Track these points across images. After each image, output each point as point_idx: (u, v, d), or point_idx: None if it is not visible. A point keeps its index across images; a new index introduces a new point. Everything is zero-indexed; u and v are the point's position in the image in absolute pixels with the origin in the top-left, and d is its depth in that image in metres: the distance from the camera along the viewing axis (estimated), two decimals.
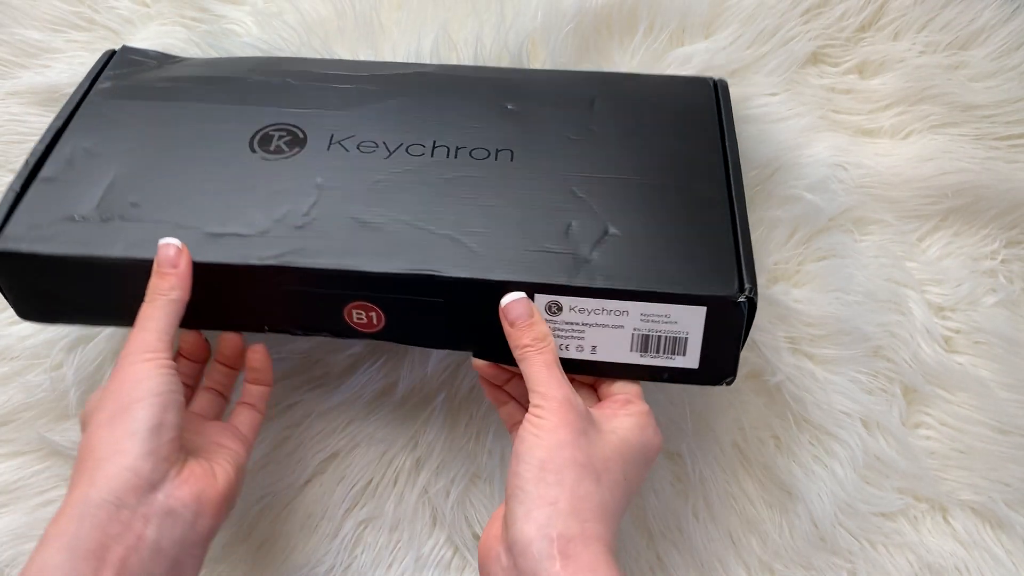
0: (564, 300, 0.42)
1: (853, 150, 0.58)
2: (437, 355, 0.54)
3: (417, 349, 0.54)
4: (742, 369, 0.54)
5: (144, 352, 0.39)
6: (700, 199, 0.45)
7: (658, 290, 0.41)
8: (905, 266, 0.56)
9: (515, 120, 0.49)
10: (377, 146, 0.47)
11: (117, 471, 0.36)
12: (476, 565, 0.51)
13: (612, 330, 0.42)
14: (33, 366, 0.54)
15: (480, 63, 0.59)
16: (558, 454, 0.37)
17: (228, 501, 0.40)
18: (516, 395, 0.46)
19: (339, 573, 0.51)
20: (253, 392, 0.47)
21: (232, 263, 0.42)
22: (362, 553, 0.52)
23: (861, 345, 0.54)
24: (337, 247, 0.42)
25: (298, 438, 0.53)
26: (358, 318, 0.43)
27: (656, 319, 0.41)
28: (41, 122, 0.58)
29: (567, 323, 0.42)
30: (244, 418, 0.46)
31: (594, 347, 0.42)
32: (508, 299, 0.41)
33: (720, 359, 0.42)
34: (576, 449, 0.38)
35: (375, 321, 0.43)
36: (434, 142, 0.47)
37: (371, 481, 0.53)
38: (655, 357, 0.42)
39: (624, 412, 0.42)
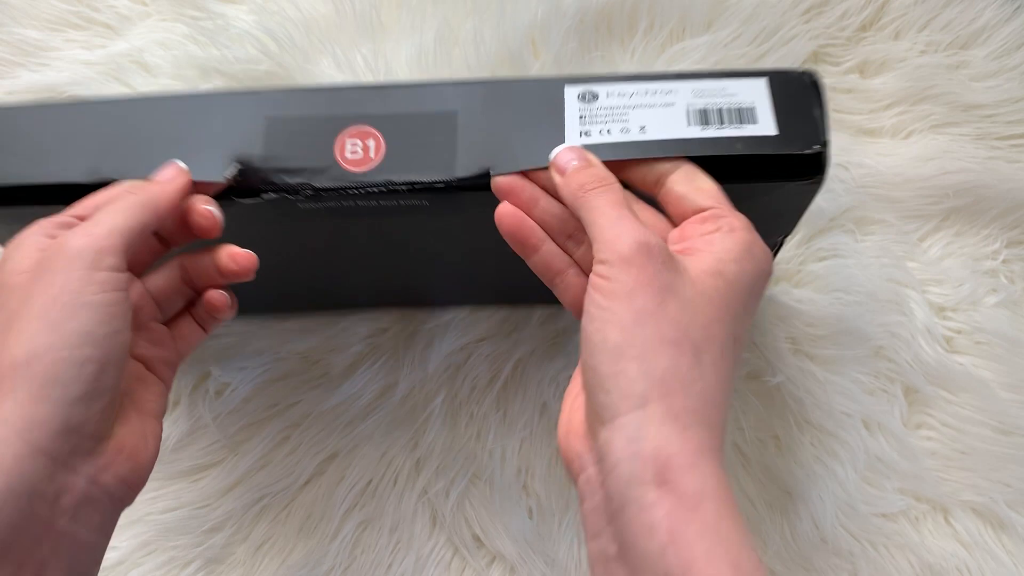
0: (599, 87, 0.36)
1: (854, 150, 0.58)
2: (437, 355, 0.54)
3: (417, 348, 0.54)
4: (742, 369, 0.54)
5: (93, 252, 0.30)
6: None
7: (708, 71, 0.36)
8: (906, 266, 0.56)
9: None
10: None
11: (28, 453, 0.27)
12: (476, 566, 0.51)
13: (662, 108, 0.35)
14: None
15: (481, 61, 0.59)
16: (639, 332, 0.28)
17: (152, 466, 0.32)
18: (563, 241, 0.35)
19: (338, 574, 0.51)
20: (213, 306, 0.37)
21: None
22: (361, 554, 0.51)
23: (862, 345, 0.54)
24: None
25: (297, 438, 0.53)
26: (352, 152, 0.36)
27: (712, 92, 0.36)
28: None
29: (606, 109, 0.36)
30: (190, 335, 0.37)
31: (642, 127, 0.35)
32: (556, 150, 0.34)
33: (801, 126, 0.35)
34: (662, 319, 0.28)
35: (371, 153, 0.36)
36: None
37: (371, 482, 0.53)
38: (721, 128, 0.35)
39: (717, 235, 0.31)
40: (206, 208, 0.35)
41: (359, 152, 0.36)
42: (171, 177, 0.35)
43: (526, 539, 0.51)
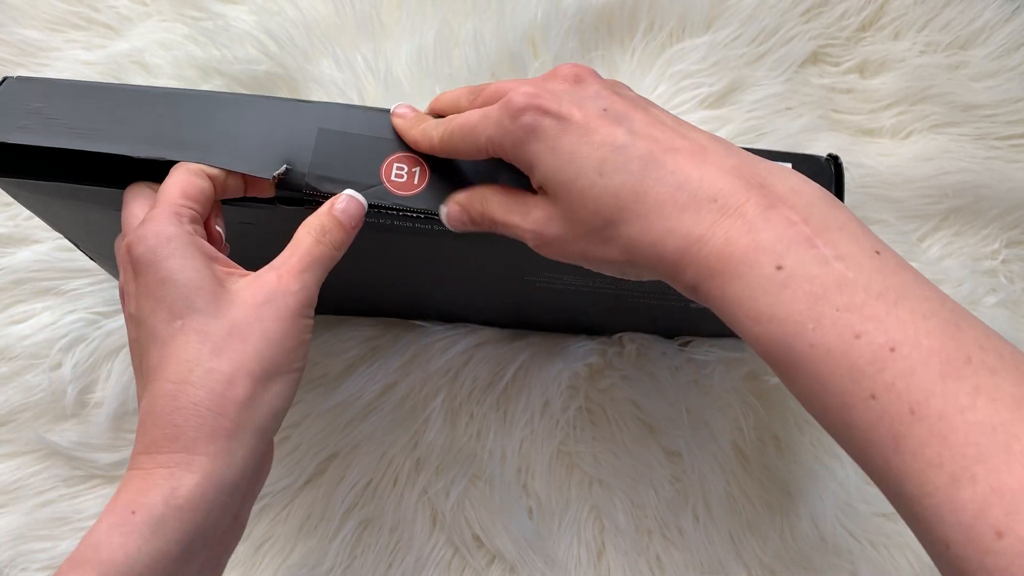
0: None
1: (854, 150, 0.58)
2: (437, 355, 0.54)
3: (417, 350, 0.54)
4: (742, 369, 0.54)
5: (303, 306, 0.33)
6: None
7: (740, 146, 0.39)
8: None
9: None
10: None
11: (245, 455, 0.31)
12: (476, 566, 0.51)
13: None
14: (32, 366, 0.54)
15: (480, 62, 0.59)
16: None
17: None
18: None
19: (338, 573, 0.51)
20: None
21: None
22: (361, 554, 0.51)
23: None
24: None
25: (298, 438, 0.53)
26: (397, 175, 0.38)
27: None
28: None
29: None
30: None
31: None
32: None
33: None
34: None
35: (416, 180, 0.38)
36: None
37: (371, 481, 0.53)
38: None
39: None
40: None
41: (404, 176, 0.38)
42: (358, 222, 0.36)
43: (526, 539, 0.51)
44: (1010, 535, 0.21)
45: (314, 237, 0.34)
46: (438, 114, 0.38)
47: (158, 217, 0.33)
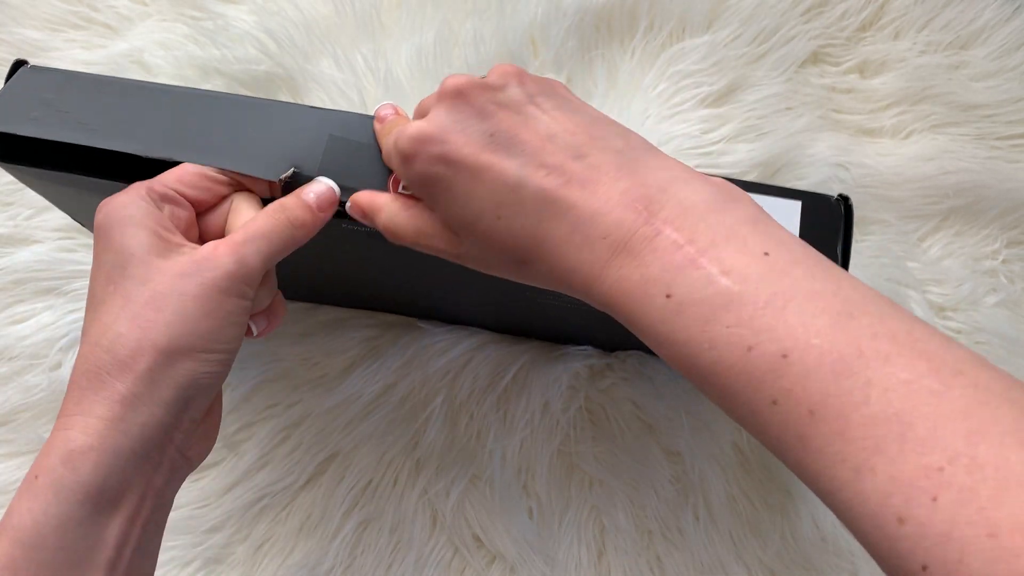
0: None
1: (854, 150, 0.58)
2: (438, 355, 0.54)
3: (418, 351, 0.54)
4: None
5: (238, 281, 0.32)
6: None
7: (747, 180, 0.38)
8: (906, 266, 0.56)
9: None
10: None
11: (149, 419, 0.30)
12: (476, 566, 0.51)
13: None
14: (32, 366, 0.54)
15: (481, 61, 0.59)
16: None
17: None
18: None
19: (338, 574, 0.51)
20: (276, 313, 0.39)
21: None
22: (361, 554, 0.51)
23: None
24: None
25: (297, 438, 0.53)
26: (404, 187, 0.37)
27: None
28: None
29: None
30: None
31: None
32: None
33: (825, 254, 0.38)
34: None
35: None
36: None
37: (371, 482, 0.53)
38: None
39: None
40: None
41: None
42: (327, 206, 0.35)
43: (526, 539, 0.51)
44: (910, 521, 0.22)
45: (269, 211, 0.34)
46: (421, 115, 0.37)
47: (128, 191, 0.33)
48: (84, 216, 0.47)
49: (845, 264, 0.37)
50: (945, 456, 0.22)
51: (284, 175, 0.37)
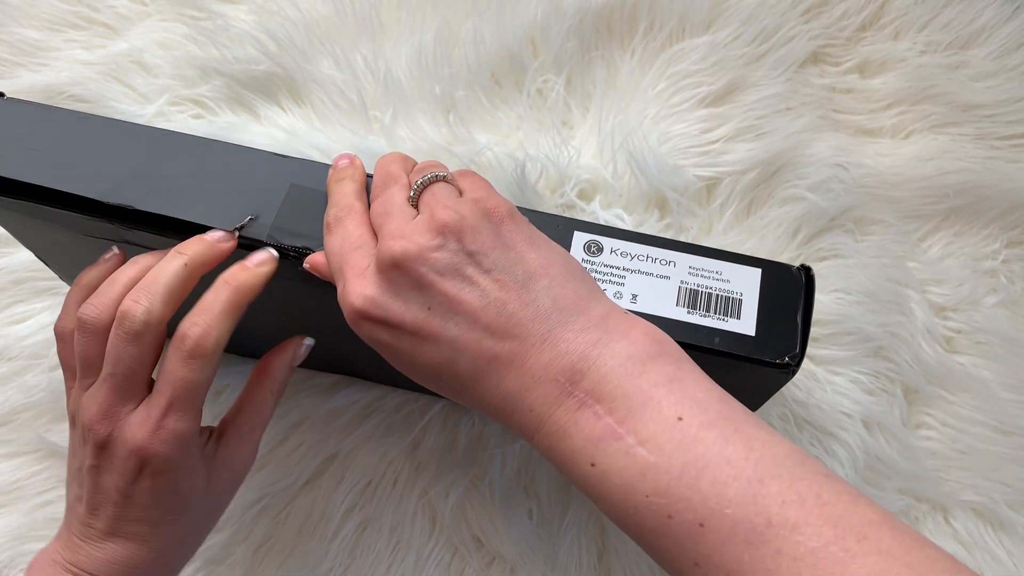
0: (605, 241, 0.38)
1: (854, 150, 0.58)
2: None
3: None
4: None
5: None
6: None
7: (709, 249, 0.38)
8: (906, 266, 0.56)
9: None
10: None
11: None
12: (476, 566, 0.51)
13: (656, 279, 0.38)
14: (31, 366, 0.54)
15: (480, 62, 0.59)
16: None
17: (249, 467, 0.41)
18: None
19: (338, 574, 0.51)
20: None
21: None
22: (361, 554, 0.51)
23: (862, 345, 0.54)
24: None
25: (297, 439, 0.53)
26: None
27: (706, 274, 0.38)
28: None
29: (606, 266, 0.38)
30: None
31: (634, 295, 0.37)
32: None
33: (781, 329, 0.37)
34: None
35: None
36: None
37: (370, 482, 0.53)
38: (705, 316, 0.37)
39: None
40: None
41: None
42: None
43: (526, 540, 0.51)
44: None
45: (272, 401, 0.39)
46: (383, 170, 0.37)
47: (182, 417, 0.35)
48: (47, 252, 0.47)
49: (805, 331, 0.37)
50: None
51: (239, 224, 0.37)
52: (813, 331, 0.54)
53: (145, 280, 0.34)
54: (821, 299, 0.54)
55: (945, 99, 0.58)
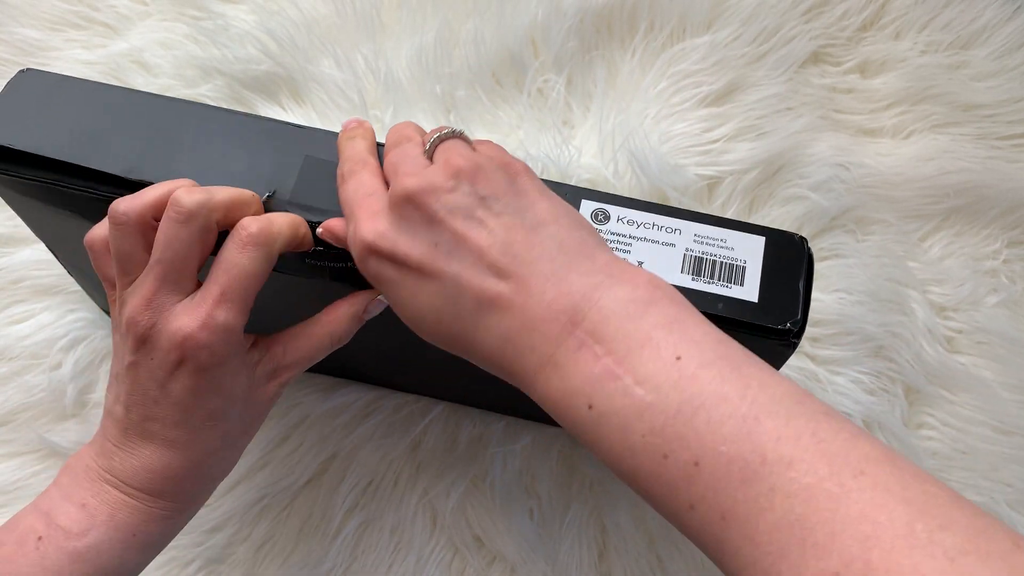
0: (611, 209, 0.39)
1: (855, 150, 0.58)
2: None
3: None
4: None
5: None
6: None
7: (715, 217, 0.38)
8: (907, 266, 0.56)
9: None
10: None
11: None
12: (476, 566, 0.51)
13: (662, 247, 0.38)
14: (32, 366, 0.54)
15: (481, 61, 0.59)
16: None
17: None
18: None
19: (339, 574, 0.51)
20: None
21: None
22: (362, 554, 0.51)
23: (863, 345, 0.54)
24: None
25: (298, 439, 0.53)
26: None
27: (711, 242, 0.38)
28: None
29: (613, 233, 0.39)
30: None
31: (640, 263, 0.38)
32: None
33: (783, 296, 0.37)
34: None
35: None
36: None
37: (371, 482, 0.53)
38: (709, 283, 0.38)
39: None
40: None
41: None
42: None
43: (527, 539, 0.51)
44: None
45: (327, 343, 0.37)
46: (393, 138, 0.37)
47: (232, 309, 0.33)
48: (57, 243, 0.47)
49: (807, 299, 0.37)
50: (841, 561, 0.23)
51: (262, 197, 0.37)
52: (815, 331, 0.54)
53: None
54: (822, 299, 0.54)
55: (946, 99, 0.58)
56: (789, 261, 0.38)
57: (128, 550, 0.35)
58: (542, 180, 0.35)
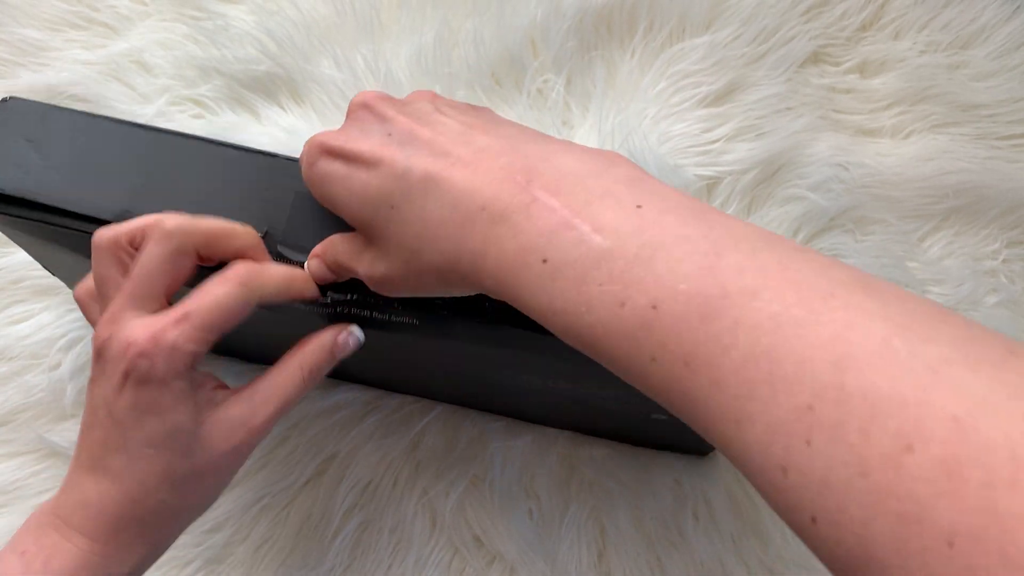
0: None
1: (854, 150, 0.58)
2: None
3: None
4: None
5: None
6: None
7: None
8: (906, 266, 0.56)
9: None
10: None
11: None
12: (476, 566, 0.51)
13: None
14: (32, 366, 0.54)
15: (480, 62, 0.59)
16: None
17: None
18: None
19: (338, 574, 0.51)
20: None
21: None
22: (362, 554, 0.51)
23: None
24: None
25: (297, 439, 0.53)
26: None
27: None
28: None
29: None
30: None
31: None
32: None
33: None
34: None
35: None
36: None
37: (370, 482, 0.53)
38: None
39: None
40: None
41: None
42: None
43: (526, 539, 0.51)
44: (792, 469, 0.20)
45: (299, 376, 0.35)
46: None
47: (188, 332, 0.31)
48: (50, 262, 0.47)
49: None
50: (813, 392, 0.20)
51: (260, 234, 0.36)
52: None
53: None
54: None
55: (945, 99, 0.58)
56: None
57: None
58: None
